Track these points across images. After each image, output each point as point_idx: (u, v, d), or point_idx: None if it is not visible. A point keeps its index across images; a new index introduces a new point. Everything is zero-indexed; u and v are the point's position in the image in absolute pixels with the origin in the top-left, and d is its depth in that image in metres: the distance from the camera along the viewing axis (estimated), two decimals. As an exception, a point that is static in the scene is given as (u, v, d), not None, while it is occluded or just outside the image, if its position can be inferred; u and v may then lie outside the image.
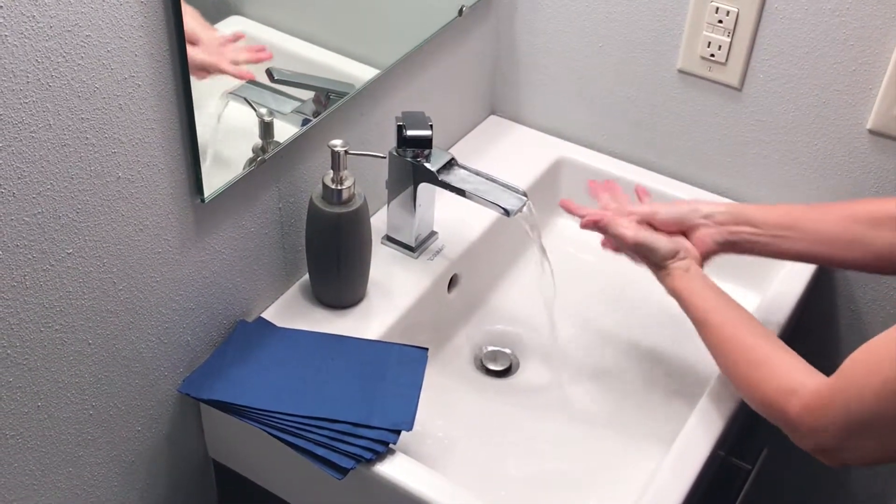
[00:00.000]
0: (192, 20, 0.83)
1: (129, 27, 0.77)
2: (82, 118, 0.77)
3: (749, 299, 1.13)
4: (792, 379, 0.87)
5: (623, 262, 1.26)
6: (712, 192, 1.26)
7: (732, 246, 1.03)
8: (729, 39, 1.15)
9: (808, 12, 1.09)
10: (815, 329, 1.27)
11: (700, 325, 0.98)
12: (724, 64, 1.17)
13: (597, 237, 1.33)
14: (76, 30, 0.73)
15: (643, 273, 1.21)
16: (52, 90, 0.73)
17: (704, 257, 1.03)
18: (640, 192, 1.14)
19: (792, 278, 1.16)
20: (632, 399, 1.12)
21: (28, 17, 0.69)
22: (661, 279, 1.03)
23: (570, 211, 1.11)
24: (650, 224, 1.05)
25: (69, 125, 0.76)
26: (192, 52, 0.84)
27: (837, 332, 1.27)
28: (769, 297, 1.14)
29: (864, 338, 1.25)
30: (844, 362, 0.82)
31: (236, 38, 0.94)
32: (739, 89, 1.18)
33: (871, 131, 1.13)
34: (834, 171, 1.17)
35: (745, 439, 1.17)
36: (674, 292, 1.01)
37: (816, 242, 1.00)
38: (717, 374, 1.03)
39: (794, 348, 0.92)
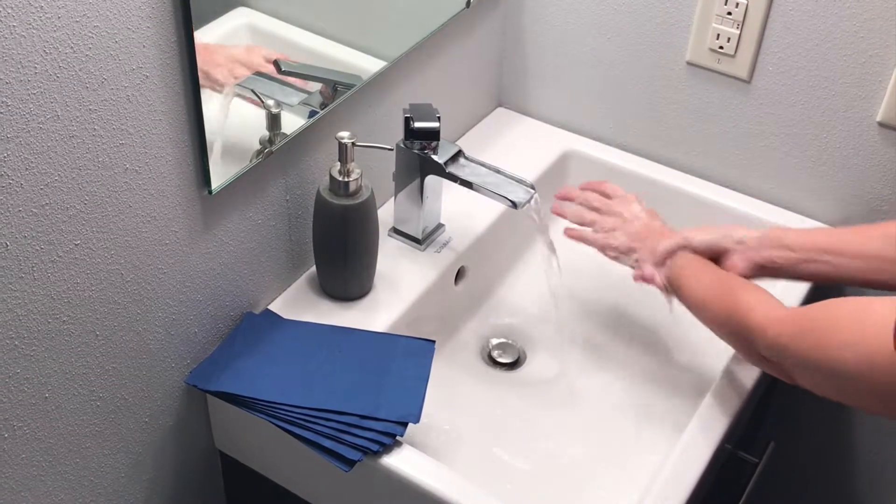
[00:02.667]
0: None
1: (137, 18, 0.77)
2: (90, 109, 0.76)
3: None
4: (767, 301, 0.90)
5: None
6: (720, 184, 1.26)
7: (765, 270, 1.01)
8: (738, 31, 1.15)
9: (817, 4, 1.09)
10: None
11: (692, 308, 1.01)
12: (733, 56, 1.17)
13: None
14: (84, 20, 0.73)
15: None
16: (60, 81, 0.73)
17: None
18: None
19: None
20: (639, 392, 1.12)
21: (36, 7, 0.69)
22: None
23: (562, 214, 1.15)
24: None
25: (77, 116, 0.76)
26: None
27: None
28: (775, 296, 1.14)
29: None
30: (826, 302, 0.83)
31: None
32: (748, 81, 1.18)
33: (880, 124, 1.12)
34: (843, 163, 1.17)
35: (751, 433, 1.17)
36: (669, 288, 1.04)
37: (856, 265, 0.98)
38: (724, 368, 1.03)
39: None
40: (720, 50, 1.17)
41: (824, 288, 1.19)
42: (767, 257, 1.00)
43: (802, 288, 1.13)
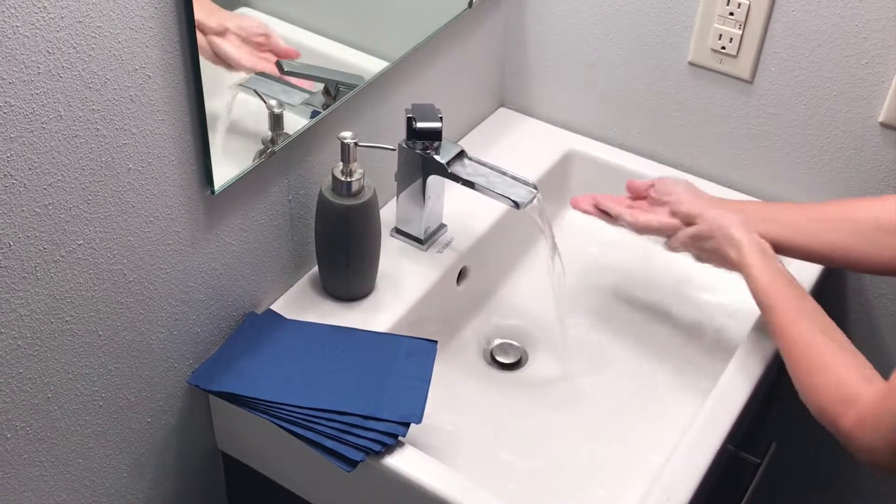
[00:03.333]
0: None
1: (139, 18, 0.77)
2: (93, 109, 0.76)
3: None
4: (849, 388, 0.85)
5: (631, 254, 1.26)
6: (723, 185, 1.26)
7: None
8: (740, 32, 1.15)
9: (820, 4, 1.09)
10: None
11: (764, 309, 0.97)
12: (735, 57, 1.17)
13: (605, 230, 1.32)
14: (87, 20, 0.73)
15: (652, 265, 1.21)
16: (63, 81, 0.73)
17: None
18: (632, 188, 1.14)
19: (802, 273, 1.15)
20: (641, 392, 1.12)
21: (39, 7, 0.69)
22: (733, 257, 1.01)
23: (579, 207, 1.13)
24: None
25: (80, 116, 0.76)
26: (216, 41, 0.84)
27: (847, 327, 1.27)
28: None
29: (873, 332, 1.25)
30: (893, 375, 0.81)
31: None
32: (750, 82, 1.18)
33: (883, 124, 1.12)
34: (845, 164, 1.17)
35: (753, 433, 1.17)
36: (742, 268, 1.00)
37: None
38: (728, 367, 1.03)
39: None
40: (722, 50, 1.17)
41: (832, 281, 1.19)
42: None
43: (812, 278, 1.14)
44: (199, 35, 0.83)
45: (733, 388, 1.00)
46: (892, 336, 1.24)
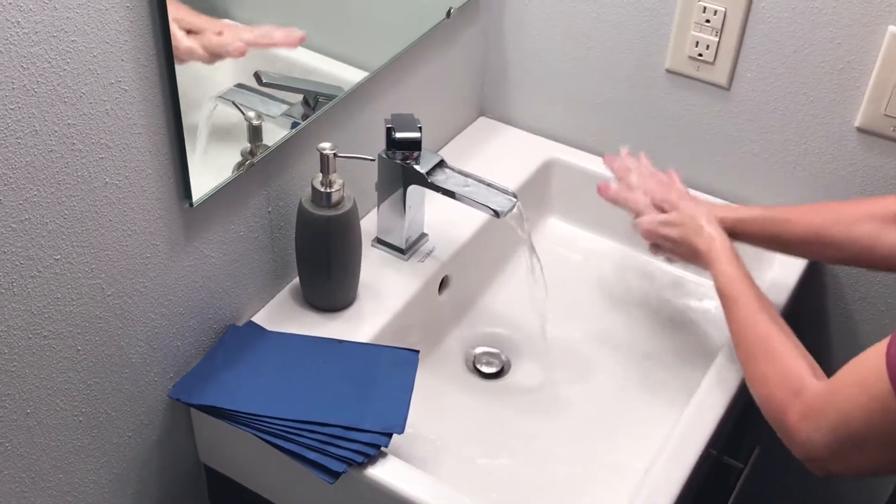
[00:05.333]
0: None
1: (114, 32, 0.76)
2: (69, 124, 0.76)
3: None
4: (798, 379, 0.87)
5: (612, 260, 1.26)
6: (703, 191, 1.26)
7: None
8: (717, 39, 1.15)
9: (795, 11, 1.10)
10: (806, 324, 1.28)
11: (727, 300, 0.98)
12: (712, 63, 1.17)
13: (586, 238, 1.33)
14: (62, 35, 0.73)
15: (632, 271, 1.21)
16: (38, 96, 0.73)
17: None
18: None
19: (783, 274, 1.16)
20: (623, 398, 1.12)
21: (13, 22, 0.69)
22: (700, 248, 1.03)
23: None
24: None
25: (55, 131, 0.75)
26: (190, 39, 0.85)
27: (828, 329, 1.28)
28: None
29: (854, 334, 1.26)
30: (838, 373, 0.82)
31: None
32: (728, 88, 1.19)
33: (859, 129, 1.13)
34: (823, 168, 1.18)
35: (737, 438, 1.17)
36: (709, 259, 1.01)
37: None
38: (709, 372, 1.03)
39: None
40: (699, 57, 1.18)
41: (812, 283, 1.20)
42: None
43: (793, 280, 1.15)
44: (192, 39, 0.83)
45: (714, 393, 1.01)
46: (872, 339, 1.23)
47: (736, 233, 1.05)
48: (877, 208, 0.99)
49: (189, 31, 0.86)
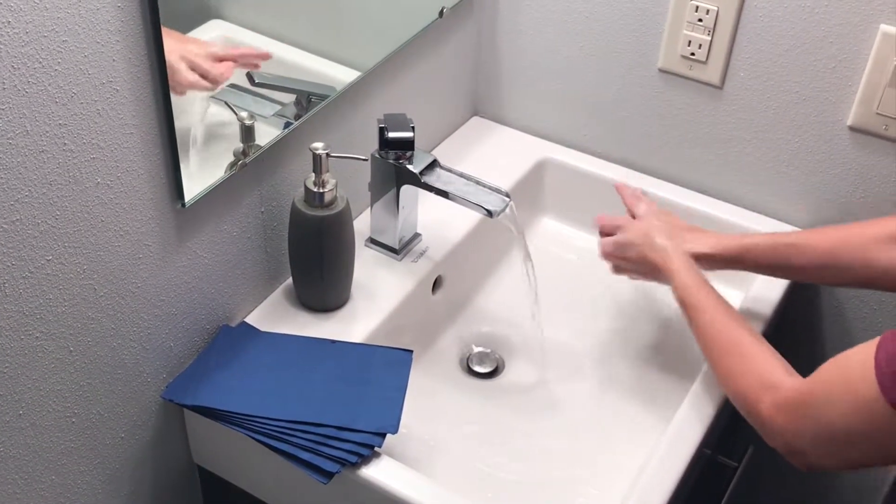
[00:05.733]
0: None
1: (106, 32, 0.76)
2: (60, 124, 0.76)
3: (731, 297, 1.13)
4: (771, 375, 0.88)
5: (606, 261, 1.26)
6: (695, 189, 1.27)
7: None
8: (709, 38, 1.16)
9: (787, 10, 1.10)
10: (799, 323, 1.28)
11: (688, 308, 0.99)
12: (704, 63, 1.18)
13: (579, 238, 1.33)
14: (53, 35, 0.72)
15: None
16: (29, 96, 0.73)
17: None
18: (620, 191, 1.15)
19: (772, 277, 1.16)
20: (617, 398, 1.12)
21: (3, 22, 0.69)
22: (658, 262, 1.04)
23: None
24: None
25: (47, 131, 0.75)
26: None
27: (820, 329, 1.28)
28: (752, 294, 1.14)
29: (846, 335, 1.26)
30: (820, 369, 0.83)
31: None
32: (720, 87, 1.19)
33: (851, 128, 1.13)
34: (815, 167, 1.18)
35: (730, 437, 1.17)
36: (667, 270, 1.02)
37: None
38: (701, 371, 1.03)
39: (776, 345, 0.93)
40: (692, 56, 1.18)
41: (804, 285, 1.20)
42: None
43: (784, 281, 1.15)
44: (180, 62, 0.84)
45: (708, 392, 1.01)
46: (865, 338, 1.24)
47: (743, 261, 1.05)
48: (890, 230, 0.98)
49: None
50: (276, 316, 1.07)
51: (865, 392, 0.75)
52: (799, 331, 1.28)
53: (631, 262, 1.08)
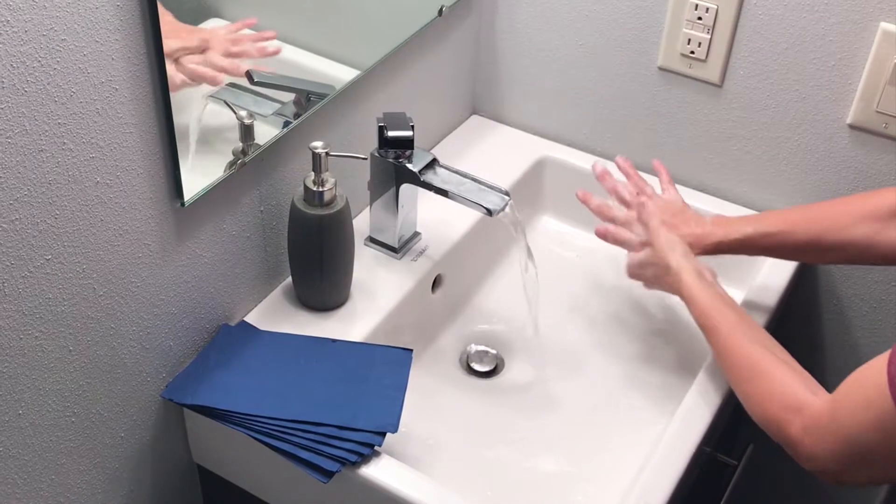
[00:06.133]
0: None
1: (105, 30, 0.76)
2: (59, 123, 0.76)
3: (732, 294, 1.13)
4: (794, 397, 0.86)
5: (605, 258, 1.26)
6: (694, 188, 1.27)
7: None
8: (709, 36, 1.15)
9: (787, 8, 1.10)
10: (799, 321, 1.28)
11: (706, 331, 0.98)
12: (704, 61, 1.18)
13: (579, 236, 1.33)
14: (51, 34, 0.72)
15: (625, 269, 1.20)
16: (28, 95, 0.72)
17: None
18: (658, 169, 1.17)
19: (775, 273, 1.16)
20: (617, 396, 1.12)
21: (2, 21, 0.68)
22: (671, 283, 1.04)
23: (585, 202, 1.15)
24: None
25: (46, 130, 0.75)
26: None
27: (820, 327, 1.28)
28: (753, 291, 1.14)
29: (846, 332, 1.26)
30: (840, 386, 0.82)
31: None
32: (720, 86, 1.19)
33: (851, 126, 1.13)
34: (815, 165, 1.18)
35: (731, 435, 1.17)
36: (682, 294, 1.01)
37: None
38: (702, 369, 1.03)
39: (778, 339, 0.93)
40: (691, 55, 1.18)
41: (804, 281, 1.20)
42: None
43: (785, 278, 1.15)
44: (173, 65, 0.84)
45: (708, 390, 1.01)
46: (865, 336, 1.25)
47: (735, 251, 1.06)
48: (870, 207, 0.99)
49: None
50: (275, 315, 1.07)
51: (881, 406, 0.74)
52: (798, 330, 1.28)
53: (648, 280, 1.09)
